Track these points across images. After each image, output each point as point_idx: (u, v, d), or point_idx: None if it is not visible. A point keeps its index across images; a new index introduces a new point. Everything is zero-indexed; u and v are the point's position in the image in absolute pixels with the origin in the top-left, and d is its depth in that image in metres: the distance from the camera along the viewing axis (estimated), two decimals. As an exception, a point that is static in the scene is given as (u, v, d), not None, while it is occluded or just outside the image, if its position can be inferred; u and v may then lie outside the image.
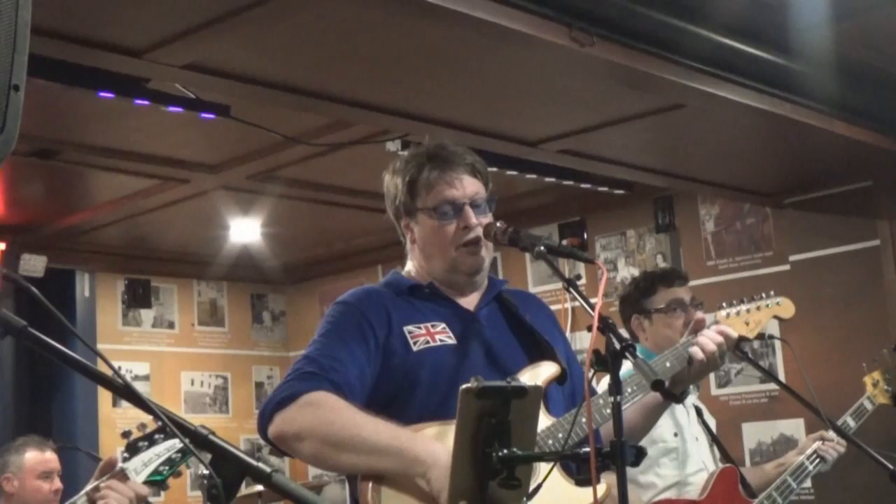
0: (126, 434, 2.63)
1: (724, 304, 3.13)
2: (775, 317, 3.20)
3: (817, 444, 4.04)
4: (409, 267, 2.95)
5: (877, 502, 3.46)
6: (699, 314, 3.01)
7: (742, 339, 3.06)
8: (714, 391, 6.03)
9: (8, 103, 1.71)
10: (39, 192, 5.87)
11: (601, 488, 2.53)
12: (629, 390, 2.71)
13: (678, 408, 4.02)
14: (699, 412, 4.12)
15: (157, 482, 2.59)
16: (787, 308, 3.23)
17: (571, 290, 2.60)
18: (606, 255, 6.58)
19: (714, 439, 4.11)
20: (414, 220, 2.86)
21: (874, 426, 4.37)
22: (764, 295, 3.19)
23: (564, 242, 6.49)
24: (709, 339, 2.86)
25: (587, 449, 2.31)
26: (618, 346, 2.38)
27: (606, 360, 2.38)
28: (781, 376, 5.70)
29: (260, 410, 2.67)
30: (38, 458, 4.82)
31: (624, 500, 2.29)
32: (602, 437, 2.69)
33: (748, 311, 3.13)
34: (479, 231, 2.79)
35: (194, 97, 4.25)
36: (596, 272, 5.98)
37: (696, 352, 2.83)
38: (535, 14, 3.54)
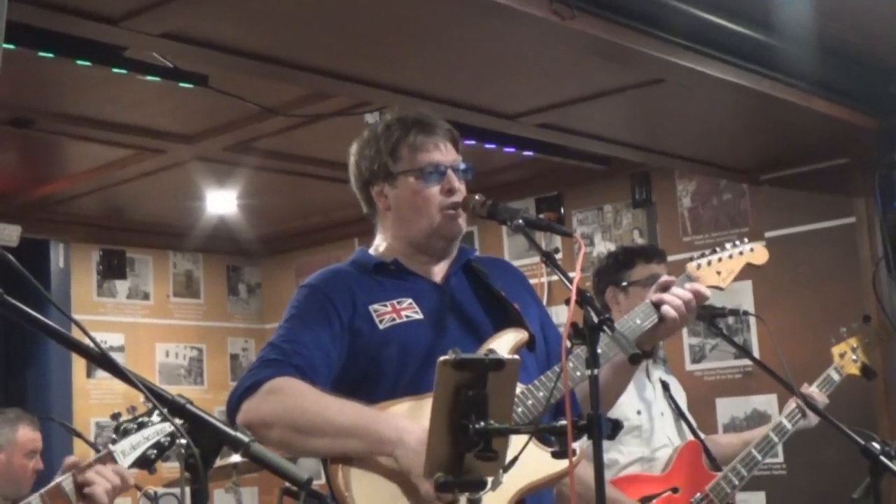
0: (115, 416, 2.63)
1: (694, 256, 3.04)
2: (748, 264, 3.06)
3: (794, 401, 4.03)
4: (378, 241, 2.94)
5: (848, 477, 3.48)
6: (666, 276, 2.98)
7: (714, 287, 2.99)
8: (689, 366, 6.07)
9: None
10: (14, 160, 5.83)
11: (574, 455, 2.55)
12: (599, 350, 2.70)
13: (645, 384, 4.05)
14: (666, 387, 4.13)
15: (144, 466, 2.59)
16: (759, 254, 3.09)
17: (549, 263, 2.61)
18: (583, 229, 6.59)
19: (680, 414, 4.12)
20: (392, 184, 2.85)
21: (845, 402, 4.40)
22: (737, 242, 3.08)
23: (542, 216, 6.49)
24: (677, 296, 2.84)
25: (564, 422, 2.32)
26: (596, 319, 2.39)
27: (584, 333, 2.39)
28: (756, 352, 5.74)
29: (227, 400, 2.69)
30: (29, 436, 4.81)
31: (600, 474, 2.30)
32: (577, 399, 2.70)
33: (720, 259, 3.02)
34: (461, 196, 2.80)
35: (172, 66, 4.22)
36: (572, 246, 5.99)
37: (668, 310, 2.82)
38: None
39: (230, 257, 8.21)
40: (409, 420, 2.56)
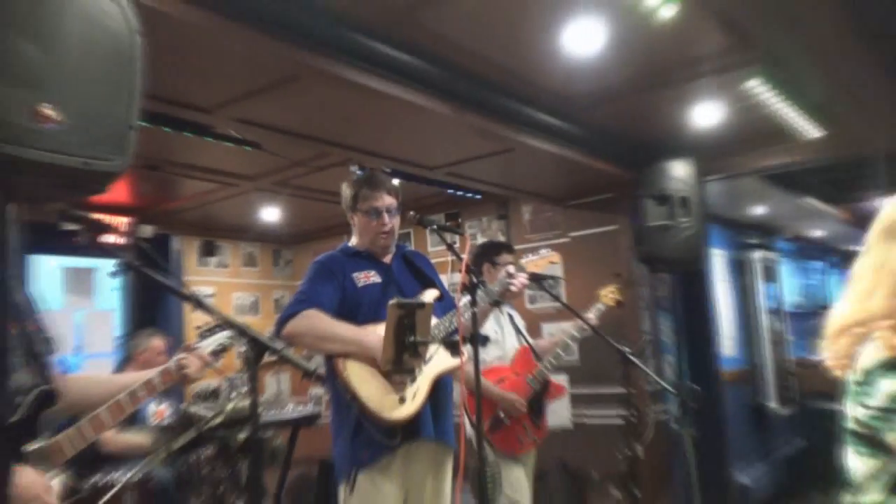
0: (198, 328, 2.59)
1: (524, 256, 3.15)
2: (551, 262, 3.20)
3: (573, 326, 4.08)
4: (353, 240, 2.95)
5: (613, 366, 3.54)
6: (511, 268, 3.04)
7: (533, 273, 3.09)
8: (528, 306, 6.10)
9: (128, 138, 1.65)
10: (149, 189, 5.67)
11: (458, 358, 2.58)
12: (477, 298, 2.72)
13: (499, 316, 4.06)
14: (511, 317, 4.16)
15: (214, 355, 2.55)
16: (555, 257, 3.24)
17: (451, 250, 2.63)
18: (471, 231, 6.59)
19: (520, 332, 4.14)
20: (355, 214, 2.87)
21: (609, 323, 4.46)
22: (544, 251, 3.21)
23: (448, 224, 6.49)
24: (520, 280, 2.93)
25: (457, 337, 2.35)
26: (476, 281, 2.41)
27: (469, 289, 2.41)
28: (564, 299, 5.81)
29: (276, 321, 2.69)
30: (159, 343, 4.73)
31: (477, 370, 2.32)
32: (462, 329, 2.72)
33: (538, 258, 3.15)
34: (389, 227, 2.81)
35: (241, 137, 4.14)
36: (464, 241, 6.01)
37: (514, 287, 2.91)
38: (436, 96, 3.52)
39: (275, 244, 8.06)
40: (376, 333, 2.56)
